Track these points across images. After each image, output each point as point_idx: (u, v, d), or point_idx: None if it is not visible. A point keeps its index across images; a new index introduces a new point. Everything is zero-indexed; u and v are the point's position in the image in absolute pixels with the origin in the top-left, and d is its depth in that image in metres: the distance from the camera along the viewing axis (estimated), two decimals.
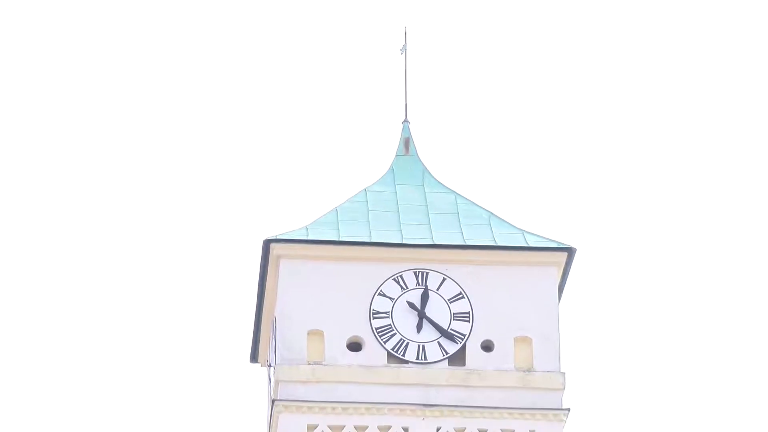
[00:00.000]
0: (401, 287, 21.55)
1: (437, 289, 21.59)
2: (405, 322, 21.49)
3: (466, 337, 21.39)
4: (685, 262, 48.35)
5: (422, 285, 21.53)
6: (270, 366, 23.09)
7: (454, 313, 21.61)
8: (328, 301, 21.66)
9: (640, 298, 47.15)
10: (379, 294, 21.43)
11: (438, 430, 21.16)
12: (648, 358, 50.32)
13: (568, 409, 21.33)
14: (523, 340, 21.60)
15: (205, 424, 47.39)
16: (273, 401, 21.59)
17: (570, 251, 21.93)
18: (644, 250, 48.29)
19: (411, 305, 21.52)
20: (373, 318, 21.41)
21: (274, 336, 22.33)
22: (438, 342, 21.31)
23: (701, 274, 48.72)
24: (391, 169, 23.61)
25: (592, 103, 48.84)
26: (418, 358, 21.34)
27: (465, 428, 21.45)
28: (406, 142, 23.79)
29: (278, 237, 21.60)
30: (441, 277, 21.51)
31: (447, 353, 21.32)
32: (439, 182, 23.53)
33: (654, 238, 48.46)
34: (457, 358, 21.29)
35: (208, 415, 48.96)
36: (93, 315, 49.08)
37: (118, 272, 47.25)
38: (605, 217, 45.93)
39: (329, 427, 21.26)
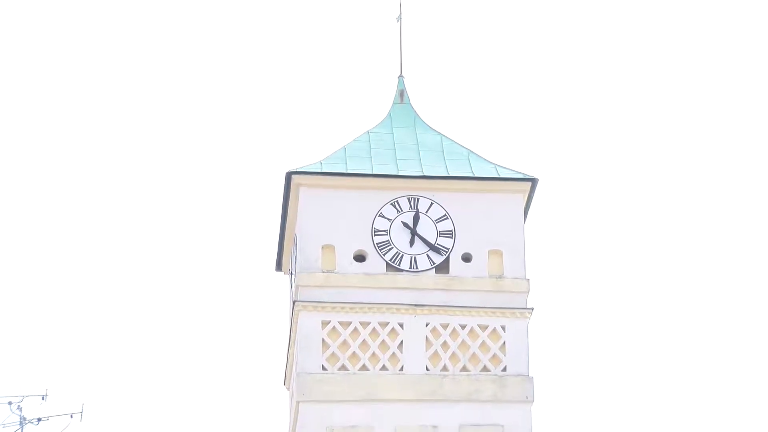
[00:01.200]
0: (397, 210, 22.79)
1: (426, 212, 22.86)
2: (400, 238, 22.81)
3: (449, 250, 22.75)
4: (634, 194, 50.37)
5: (414, 208, 22.78)
6: (291, 274, 24.22)
7: (439, 231, 22.90)
8: (338, 221, 22.84)
9: (593, 218, 49.55)
10: (379, 216, 22.75)
11: (426, 325, 22.42)
12: (599, 266, 52.47)
13: (532, 308, 22.77)
14: (495, 253, 22.83)
15: (240, 322, 49.72)
16: (294, 302, 22.90)
17: (533, 181, 23.15)
18: (597, 181, 50.55)
19: (405, 225, 22.78)
20: (375, 235, 22.69)
21: (294, 249, 23.69)
22: (427, 254, 22.68)
23: (641, 199, 50.78)
24: (389, 116, 24.68)
25: (563, 54, 50.31)
26: (410, 267, 22.63)
27: (448, 323, 22.56)
28: (401, 94, 24.88)
29: (298, 170, 22.85)
30: (429, 202, 22.78)
31: (434, 263, 22.65)
32: (427, 126, 24.51)
33: (604, 172, 50.54)
34: (442, 268, 22.59)
35: (242, 314, 51.03)
36: (147, 229, 51.00)
37: (169, 196, 49.60)
38: (564, 154, 48.31)
39: (339, 323, 22.40)
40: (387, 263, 22.66)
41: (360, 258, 22.67)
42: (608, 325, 56.20)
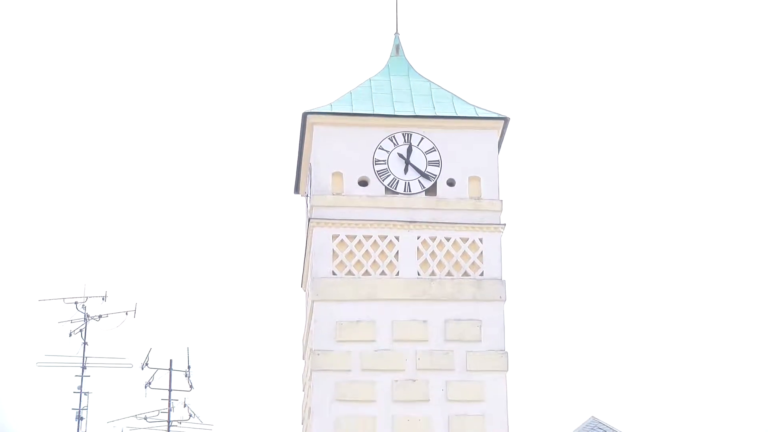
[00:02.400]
0: (394, 143, 23.82)
1: (417, 145, 23.85)
2: (396, 166, 23.84)
3: (437, 176, 23.72)
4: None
5: (407, 142, 23.76)
6: (307, 196, 25.06)
7: (428, 161, 23.80)
8: (345, 152, 23.71)
9: (557, 150, 52.31)
10: (379, 148, 23.76)
11: (418, 238, 23.32)
12: (562, 188, 54.30)
13: (504, 224, 23.69)
14: (474, 178, 23.74)
15: (266, 235, 51.89)
16: (309, 219, 23.73)
17: (505, 120, 24.03)
18: (560, 121, 52.57)
19: (400, 155, 23.79)
20: (375, 164, 23.68)
21: (309, 176, 24.50)
22: (418, 180, 23.67)
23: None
24: (387, 66, 25.49)
25: (539, 11, 51.88)
26: (405, 191, 23.59)
27: (436, 237, 23.38)
28: (397, 48, 25.65)
29: (312, 111, 23.73)
30: (420, 137, 23.76)
31: (424, 187, 23.67)
32: (418, 74, 25.31)
33: (568, 114, 52.61)
34: (431, 191, 23.62)
35: (269, 229, 53.15)
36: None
37: (216, 134, 52.72)
38: (532, 98, 50.06)
39: (346, 236, 23.24)
40: (385, 187, 23.56)
41: (363, 183, 23.54)
42: (570, 238, 58.16)
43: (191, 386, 29.37)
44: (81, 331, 28.37)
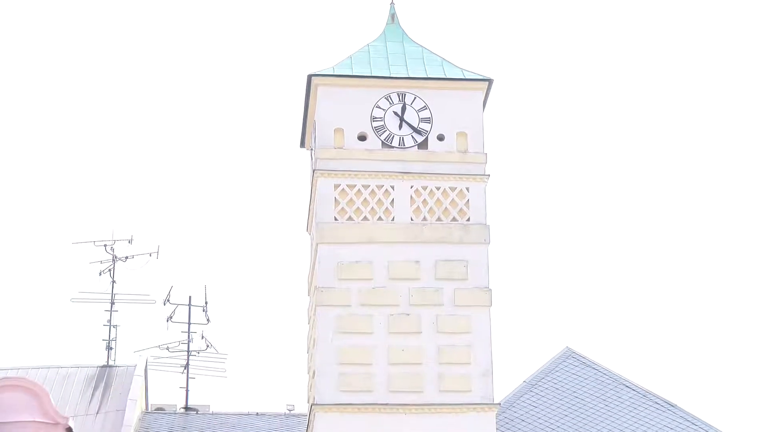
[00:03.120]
0: (389, 102, 24.26)
1: (411, 104, 24.31)
2: (392, 123, 24.27)
3: (428, 132, 24.22)
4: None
5: (402, 101, 24.24)
6: (312, 149, 25.50)
7: (420, 118, 24.28)
8: (346, 110, 24.13)
9: (537, 108, 53.63)
10: (376, 107, 24.22)
11: (411, 187, 23.84)
12: (542, 144, 55.39)
13: (489, 175, 24.23)
14: (461, 134, 24.27)
15: (276, 184, 53.12)
16: (313, 170, 24.37)
17: (489, 81, 24.41)
18: (540, 83, 53.12)
19: (395, 113, 24.22)
20: (373, 121, 24.16)
21: (314, 131, 25.00)
22: (411, 135, 24.18)
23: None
24: (384, 33, 25.83)
25: None
26: (399, 145, 24.10)
27: (427, 186, 23.84)
28: (392, 17, 25.91)
29: (317, 73, 24.22)
30: (413, 96, 24.27)
31: (416, 142, 24.16)
32: (412, 40, 25.67)
33: (547, 77, 53.31)
34: (423, 145, 24.17)
35: (279, 179, 54.32)
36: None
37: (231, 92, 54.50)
38: (516, 62, 51.23)
39: (347, 186, 23.71)
40: (382, 142, 24.15)
41: (362, 138, 24.15)
42: (548, 187, 59.36)
43: (208, 320, 30.86)
44: (109, 270, 30.04)
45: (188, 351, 30.54)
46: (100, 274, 30.12)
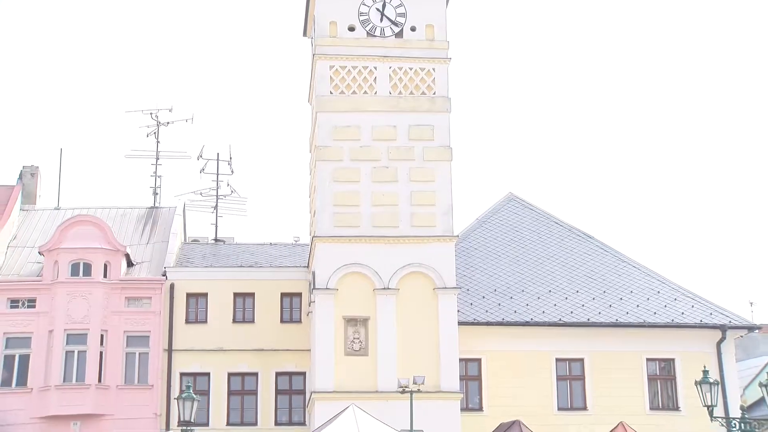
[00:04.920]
0: (373, 0, 25.82)
1: (390, 2, 25.80)
2: (375, 17, 25.79)
3: (403, 24, 25.79)
4: None
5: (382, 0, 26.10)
6: (312, 38, 26.52)
7: (397, 13, 25.96)
8: (338, 7, 25.31)
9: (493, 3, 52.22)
10: (362, 4, 25.71)
11: (390, 68, 24.96)
12: (497, 31, 56.60)
13: (450, 58, 25.78)
14: (429, 26, 25.86)
15: (283, 65, 55.08)
16: (313, 54, 25.64)
17: None
18: None
19: (377, 9, 25.82)
20: (360, 15, 25.72)
21: (314, 24, 26.17)
22: (390, 26, 25.50)
23: None
24: None
25: None
26: (380, 34, 25.37)
27: (402, 67, 24.93)
28: None
29: None
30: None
31: (394, 32, 25.75)
32: None
33: None
34: (399, 34, 25.63)
35: (285, 61, 55.60)
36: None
37: None
38: None
39: (339, 66, 24.76)
40: (367, 32, 26.00)
41: (351, 29, 25.96)
42: (497, 63, 60.99)
43: (232, 171, 33.32)
44: (155, 133, 32.63)
45: (217, 195, 32.12)
46: (147, 136, 31.53)
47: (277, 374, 26.53)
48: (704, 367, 21.77)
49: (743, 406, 20.85)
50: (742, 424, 19.73)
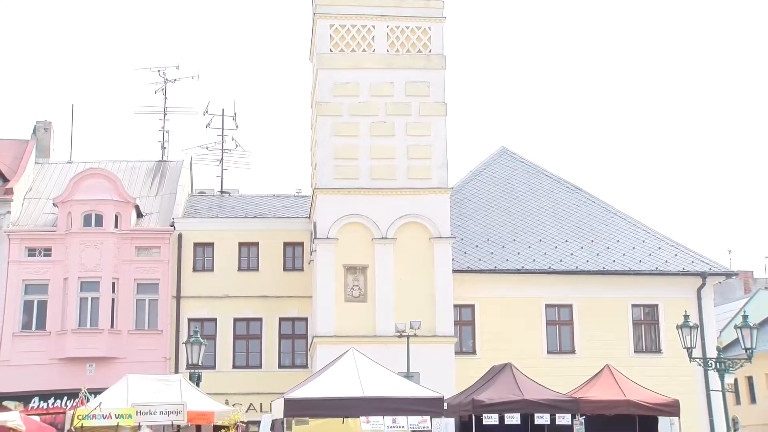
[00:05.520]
0: None
1: None
2: None
3: None
4: None
5: None
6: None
7: None
8: None
9: None
10: None
11: (387, 26, 25.22)
12: None
13: (445, 17, 25.87)
14: None
15: (286, 25, 54.44)
16: (314, 14, 25.81)
17: None
18: None
19: None
20: None
21: None
22: None
23: None
24: None
25: None
26: None
27: (399, 25, 25.28)
28: None
29: None
30: None
31: None
32: None
33: None
34: None
35: (287, 21, 55.24)
36: None
37: None
38: None
39: (339, 25, 25.11)
40: None
41: None
42: (492, 24, 61.39)
43: (237, 126, 33.80)
44: (162, 89, 33.07)
45: (222, 149, 32.83)
46: (155, 92, 31.77)
47: (281, 319, 27.08)
48: (685, 312, 22.22)
49: (719, 347, 21.52)
50: (718, 364, 20.44)
